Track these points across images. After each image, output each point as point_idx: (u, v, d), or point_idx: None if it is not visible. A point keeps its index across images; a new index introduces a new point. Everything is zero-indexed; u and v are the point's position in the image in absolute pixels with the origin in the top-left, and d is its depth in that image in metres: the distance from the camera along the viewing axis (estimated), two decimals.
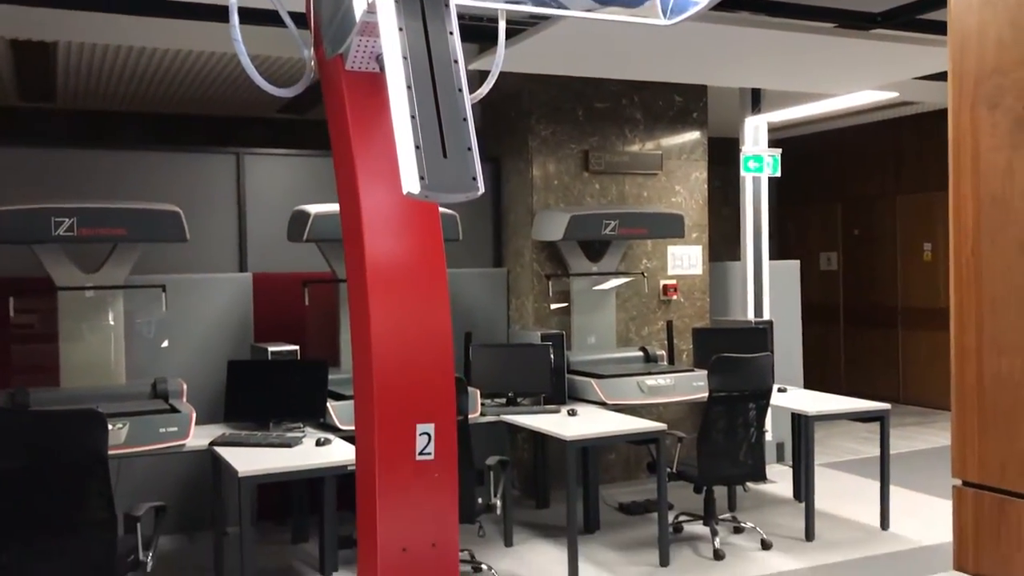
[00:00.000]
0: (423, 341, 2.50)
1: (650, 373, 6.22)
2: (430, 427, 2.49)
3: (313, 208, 5.41)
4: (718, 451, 5.46)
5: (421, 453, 2.48)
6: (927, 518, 5.97)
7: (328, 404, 5.22)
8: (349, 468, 4.54)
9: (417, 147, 2.04)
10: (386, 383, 2.45)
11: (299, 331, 5.98)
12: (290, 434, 4.99)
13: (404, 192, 2.06)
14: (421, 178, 2.03)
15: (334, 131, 2.48)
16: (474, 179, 2.13)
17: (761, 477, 5.75)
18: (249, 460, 4.47)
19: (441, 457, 2.50)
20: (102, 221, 4.80)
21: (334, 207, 2.75)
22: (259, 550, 5.33)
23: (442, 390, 2.52)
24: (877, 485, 6.00)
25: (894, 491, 6.01)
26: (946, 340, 3.30)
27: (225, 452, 4.66)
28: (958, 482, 3.35)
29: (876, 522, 5.95)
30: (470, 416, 5.25)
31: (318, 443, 4.83)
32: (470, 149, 2.13)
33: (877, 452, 6.00)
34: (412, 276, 2.50)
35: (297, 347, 5.54)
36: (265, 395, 5.27)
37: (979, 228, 3.22)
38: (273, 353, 5.45)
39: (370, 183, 2.42)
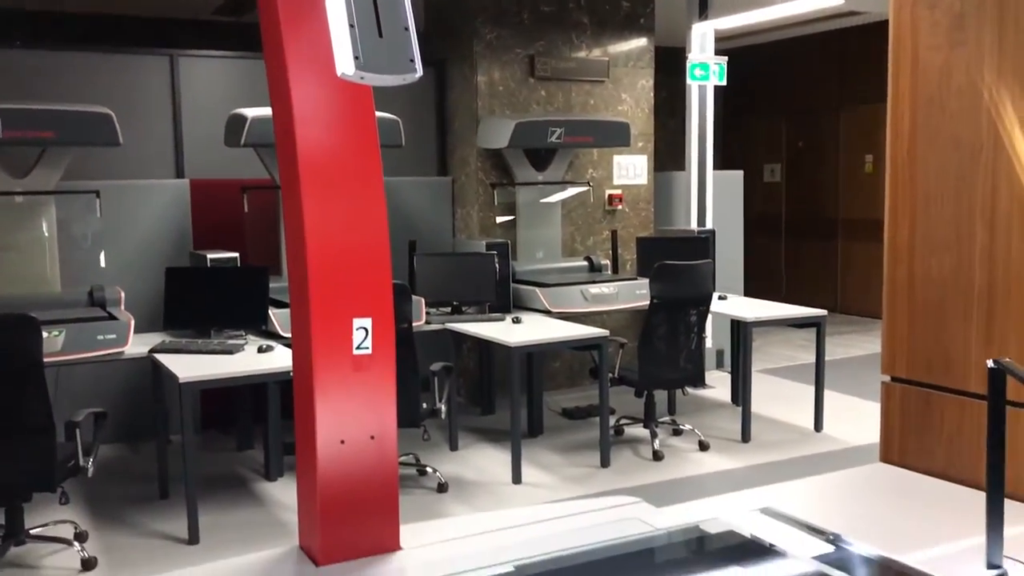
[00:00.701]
0: (358, 234, 2.47)
1: (594, 282, 6.27)
2: (367, 321, 2.48)
3: (250, 112, 5.28)
4: (659, 357, 5.55)
5: (358, 347, 2.48)
6: (858, 420, 6.17)
7: (270, 311, 5.18)
8: (291, 375, 4.54)
9: (351, 26, 1.98)
10: (321, 276, 2.43)
11: (238, 238, 5.89)
12: (231, 341, 4.96)
13: (338, 73, 2.01)
14: (356, 58, 1.97)
15: (264, 17, 2.40)
16: (411, 60, 2.06)
17: (700, 382, 5.87)
18: (190, 367, 4.44)
19: (378, 351, 2.50)
20: (29, 123, 4.63)
21: (271, 110, 2.67)
22: (203, 458, 5.33)
23: (378, 285, 2.51)
24: (812, 390, 6.16)
25: (828, 395, 6.18)
26: (881, 251, 3.37)
27: (165, 359, 4.61)
28: (887, 378, 3.45)
29: (810, 424, 6.13)
30: (415, 324, 5.26)
31: (260, 350, 4.81)
32: (407, 29, 2.07)
33: (813, 359, 6.16)
34: (346, 168, 2.45)
35: (237, 254, 5.46)
36: (205, 303, 5.20)
37: (915, 128, 3.25)
38: (212, 260, 5.37)
39: (301, 72, 2.35)
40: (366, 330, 2.49)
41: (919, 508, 2.91)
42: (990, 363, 2.36)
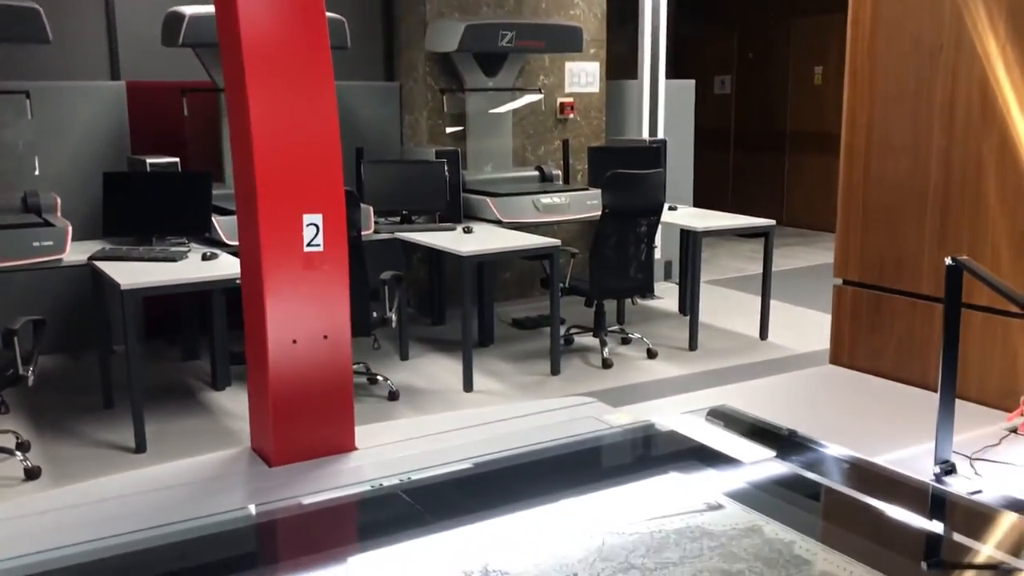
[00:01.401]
0: (307, 128, 2.37)
1: (545, 192, 6.20)
2: (317, 217, 2.40)
3: (188, 9, 5.04)
4: (609, 266, 5.55)
5: (309, 244, 2.40)
6: (803, 328, 6.26)
7: (213, 219, 5.04)
8: (237, 282, 4.43)
9: None
10: (269, 171, 2.33)
11: (178, 143, 5.69)
12: (174, 249, 4.82)
13: None
14: None
15: None
16: None
17: (649, 291, 5.89)
18: (132, 274, 4.31)
19: (330, 248, 2.42)
20: None
21: (210, 8, 2.52)
22: (148, 368, 5.23)
23: (329, 180, 2.42)
24: (758, 300, 6.23)
25: (773, 305, 6.25)
26: (830, 165, 3.36)
27: (106, 266, 4.47)
28: (838, 281, 3.47)
29: (756, 333, 6.22)
30: (363, 233, 5.17)
31: (204, 257, 4.69)
32: None
33: (759, 270, 6.21)
34: (293, 57, 2.33)
35: (177, 160, 5.28)
36: (145, 209, 5.04)
37: (876, 26, 3.20)
38: (152, 166, 5.19)
39: None
40: (317, 227, 2.40)
41: (869, 408, 2.95)
42: (949, 261, 2.36)
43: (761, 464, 2.33)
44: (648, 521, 2.05)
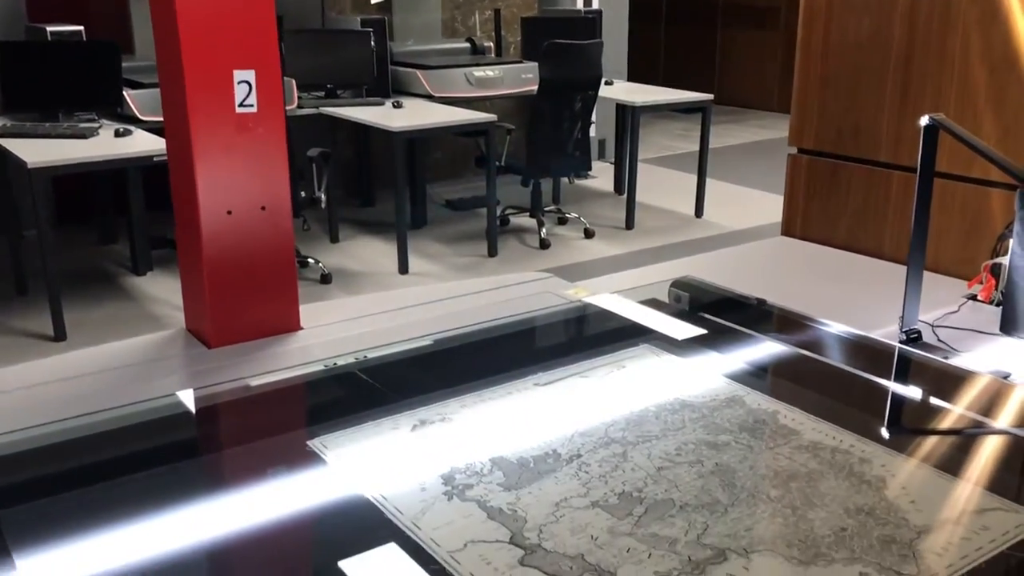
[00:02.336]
0: None
1: (478, 65, 5.93)
2: (249, 74, 2.16)
3: None
4: (546, 143, 5.37)
5: (241, 105, 2.17)
6: (737, 206, 6.22)
7: (125, 92, 4.67)
8: (155, 159, 4.14)
9: None
10: (194, 20, 2.07)
11: (81, 10, 5.22)
12: (84, 125, 4.46)
13: None
14: None
15: None
16: None
17: (587, 167, 5.75)
18: (39, 152, 3.97)
19: (265, 109, 2.19)
20: None
21: None
22: (63, 253, 4.92)
23: (262, 32, 2.17)
24: (693, 178, 6.14)
25: (708, 183, 6.18)
26: (764, 40, 3.21)
27: (9, 144, 4.11)
28: (793, 150, 3.37)
29: (691, 211, 6.15)
30: (286, 108, 4.86)
31: (117, 134, 4.35)
32: None
33: (692, 148, 6.11)
34: None
35: (81, 28, 4.84)
36: (49, 82, 4.63)
37: None
38: (52, 34, 4.75)
39: None
40: (249, 84, 2.17)
41: (825, 278, 2.89)
42: (924, 120, 2.25)
43: (735, 334, 2.25)
44: (624, 395, 1.95)
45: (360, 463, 1.69)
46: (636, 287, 2.60)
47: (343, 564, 1.40)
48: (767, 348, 2.27)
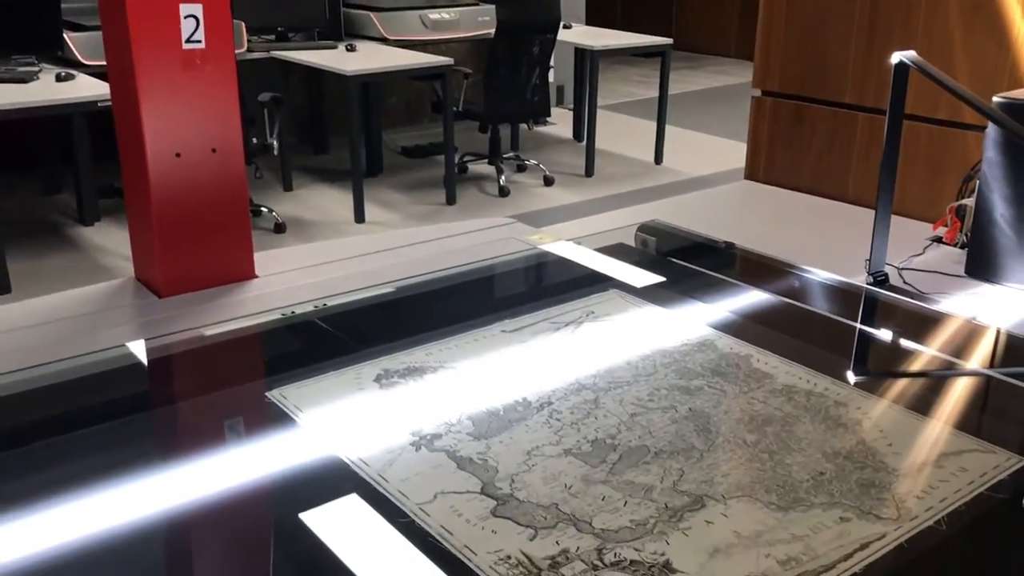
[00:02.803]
0: None
1: (433, 7, 5.77)
2: (197, 8, 2.05)
3: None
4: (504, 88, 5.26)
5: (188, 40, 2.05)
6: (697, 153, 6.18)
7: (65, 35, 4.47)
8: (100, 104, 3.97)
9: None
10: None
11: None
12: (22, 68, 4.26)
13: None
14: None
15: None
16: None
17: (546, 114, 5.65)
18: None
19: (214, 45, 2.08)
20: None
21: None
22: (4, 203, 4.74)
23: None
24: (652, 125, 6.08)
25: (668, 130, 6.12)
26: None
27: None
28: (757, 92, 3.31)
29: (651, 157, 6.10)
30: (236, 51, 4.68)
31: (59, 78, 4.16)
32: None
33: (650, 95, 6.03)
34: None
35: None
36: None
37: None
38: None
39: None
40: (196, 19, 2.06)
41: (790, 222, 2.86)
42: (896, 58, 2.20)
43: (704, 278, 2.21)
44: (593, 339, 1.90)
45: (322, 414, 1.63)
46: (602, 232, 2.54)
47: (304, 516, 1.34)
48: (737, 292, 2.23)
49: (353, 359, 1.82)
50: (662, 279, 2.22)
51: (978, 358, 1.96)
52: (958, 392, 1.80)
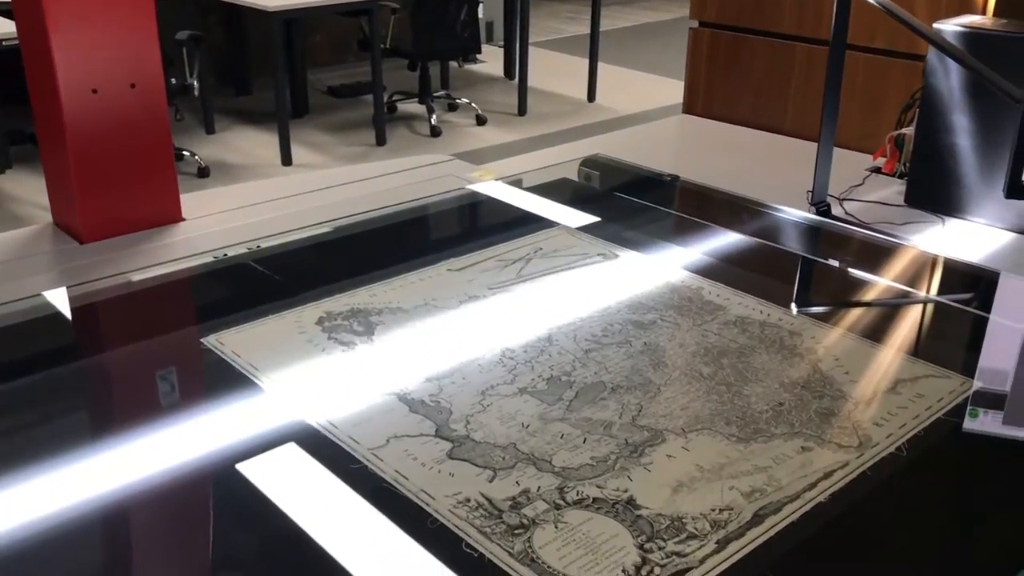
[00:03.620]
0: None
1: None
2: None
3: None
4: (434, 24, 5.12)
5: None
6: (630, 90, 6.13)
7: None
8: (5, 44, 3.76)
9: None
10: None
11: None
12: None
13: None
14: None
15: None
16: None
17: (476, 50, 5.53)
18: None
19: None
20: None
21: None
22: None
23: None
24: (584, 62, 6.01)
25: (600, 67, 6.05)
26: None
27: None
28: (695, 23, 3.26)
29: (584, 95, 6.04)
30: None
31: None
32: None
33: (581, 31, 5.94)
34: None
35: None
36: None
37: None
38: None
39: None
40: None
41: (731, 154, 2.83)
42: None
43: (650, 210, 2.16)
44: (542, 276, 1.85)
45: (262, 359, 1.55)
46: (544, 167, 2.47)
47: (248, 467, 1.27)
48: (684, 224, 2.19)
49: (293, 302, 1.74)
50: (608, 213, 2.17)
51: (924, 285, 1.97)
52: (909, 319, 1.80)
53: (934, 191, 2.32)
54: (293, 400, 1.44)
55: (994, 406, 1.46)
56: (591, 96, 6.02)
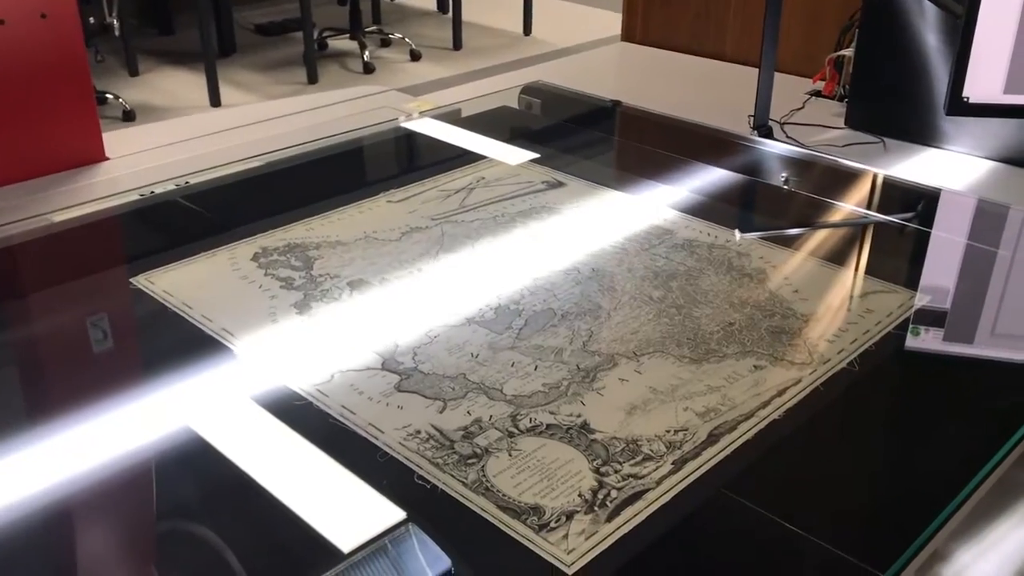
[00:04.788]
0: None
1: None
2: None
3: None
4: None
5: None
6: (567, 23, 6.04)
7: None
8: None
9: None
10: None
11: None
12: None
13: None
14: None
15: None
16: None
17: None
18: None
19: None
20: None
21: None
22: None
23: None
24: None
25: None
26: None
27: None
28: None
29: (519, 28, 5.93)
30: None
31: None
32: None
33: None
34: None
35: None
36: None
37: None
38: None
39: None
40: None
41: (671, 81, 2.79)
42: None
43: (594, 137, 2.11)
44: (486, 206, 1.80)
45: (196, 298, 1.48)
46: (483, 95, 2.41)
47: (180, 408, 1.22)
48: (628, 149, 2.16)
49: (225, 239, 1.67)
50: (551, 140, 2.12)
51: (868, 204, 1.96)
52: (854, 237, 1.79)
53: (874, 113, 2.31)
54: (230, 338, 1.38)
55: (935, 324, 1.47)
56: (527, 29, 5.92)
